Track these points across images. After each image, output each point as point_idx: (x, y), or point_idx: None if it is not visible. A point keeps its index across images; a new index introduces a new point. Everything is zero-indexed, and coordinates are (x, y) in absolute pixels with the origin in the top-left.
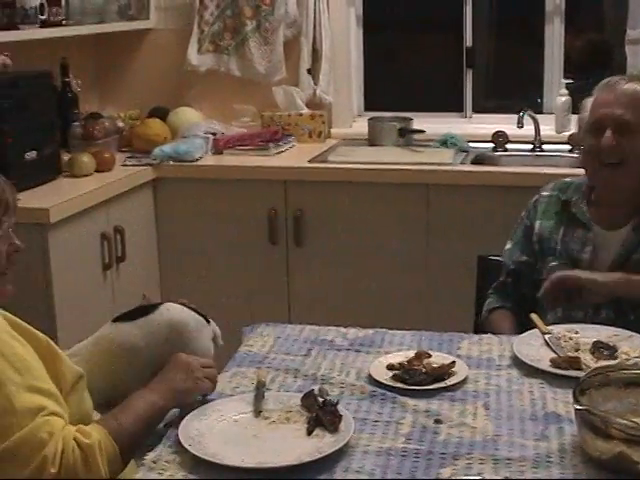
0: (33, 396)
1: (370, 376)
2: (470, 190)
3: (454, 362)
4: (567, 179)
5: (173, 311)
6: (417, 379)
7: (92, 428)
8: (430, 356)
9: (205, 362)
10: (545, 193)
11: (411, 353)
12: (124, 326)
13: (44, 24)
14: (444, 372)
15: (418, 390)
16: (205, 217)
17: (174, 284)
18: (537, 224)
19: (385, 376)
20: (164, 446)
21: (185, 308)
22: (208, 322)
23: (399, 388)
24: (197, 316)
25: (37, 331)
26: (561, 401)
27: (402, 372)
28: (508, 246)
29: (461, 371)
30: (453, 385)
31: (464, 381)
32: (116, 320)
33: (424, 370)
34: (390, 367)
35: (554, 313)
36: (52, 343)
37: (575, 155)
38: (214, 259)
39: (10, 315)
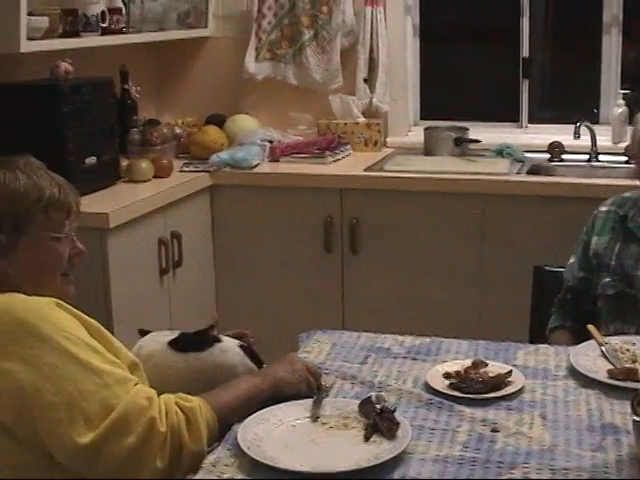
0: (116, 369)
1: (427, 384)
2: (526, 200)
3: (510, 371)
4: (626, 194)
5: (226, 355)
6: (474, 388)
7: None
8: (487, 365)
9: (312, 366)
10: (603, 208)
11: (468, 362)
12: (173, 356)
13: (105, 32)
14: (501, 381)
15: (475, 399)
16: (261, 224)
17: (229, 290)
18: (594, 240)
19: (442, 384)
20: (223, 449)
21: (240, 352)
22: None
23: (456, 396)
24: (249, 363)
25: (90, 319)
26: (618, 412)
27: (459, 381)
28: (571, 260)
29: (517, 381)
30: (510, 394)
31: (521, 391)
32: (172, 344)
33: (480, 379)
34: (447, 375)
35: (606, 329)
36: (102, 328)
37: (631, 166)
38: (269, 266)
39: (65, 304)
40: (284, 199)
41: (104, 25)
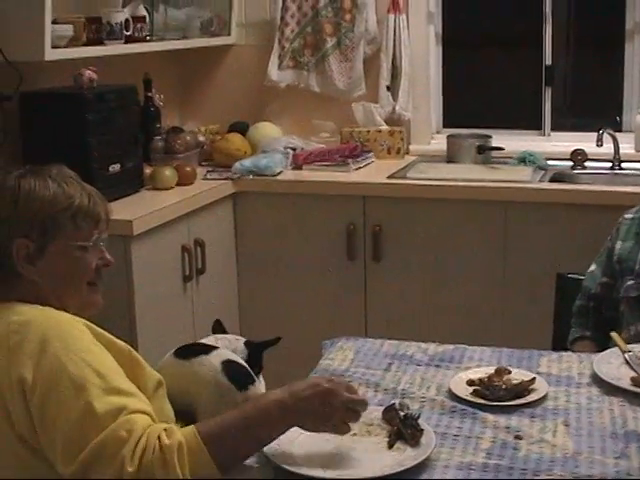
0: (114, 398)
1: (450, 391)
2: (548, 208)
3: (534, 379)
4: None
5: (201, 369)
6: (497, 395)
7: (181, 428)
8: (510, 372)
9: (352, 390)
10: (628, 216)
11: (491, 369)
12: (170, 361)
13: (129, 40)
14: (524, 389)
15: (498, 406)
16: (284, 232)
17: (252, 297)
18: (618, 245)
19: (465, 392)
20: None
21: (219, 368)
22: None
23: (479, 404)
24: (224, 382)
25: (118, 340)
26: None
27: (482, 388)
28: (591, 268)
29: (541, 388)
30: (533, 402)
31: (544, 398)
32: (177, 350)
33: (504, 386)
34: (470, 383)
35: (627, 331)
36: (133, 351)
37: None
38: (292, 273)
39: (90, 324)
40: (307, 207)
41: (128, 33)
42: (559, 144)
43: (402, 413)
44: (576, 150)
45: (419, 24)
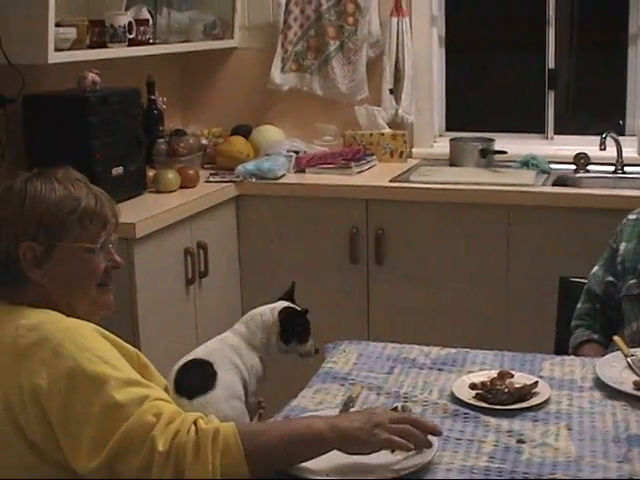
0: (134, 389)
1: (453, 394)
2: (551, 211)
3: (537, 382)
4: None
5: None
6: (500, 399)
7: (221, 423)
8: (512, 376)
9: (410, 418)
10: (632, 217)
11: (493, 373)
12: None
13: (132, 43)
14: (526, 392)
15: (500, 410)
16: (286, 234)
17: (255, 300)
18: (622, 246)
19: (468, 395)
20: None
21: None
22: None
23: (481, 407)
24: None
25: (126, 344)
26: None
27: (485, 391)
28: (594, 270)
29: (543, 392)
30: (536, 405)
31: (547, 402)
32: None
33: (507, 390)
34: (472, 386)
35: (629, 327)
36: (142, 355)
37: None
38: (295, 276)
39: (99, 327)
40: (310, 210)
41: (131, 36)
42: (562, 148)
43: None
44: (579, 154)
45: (422, 27)
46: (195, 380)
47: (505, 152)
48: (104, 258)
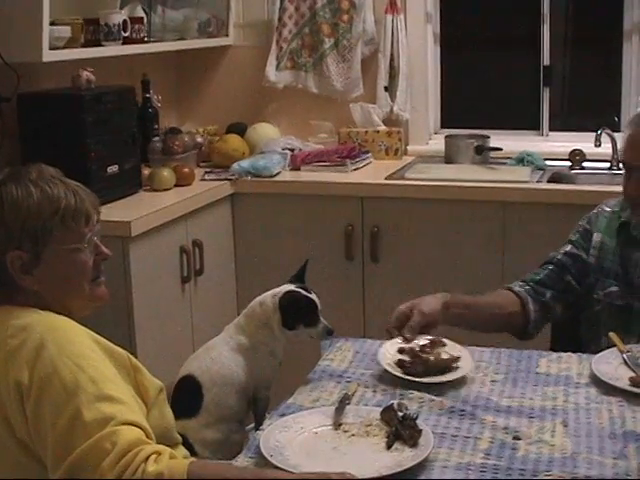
0: (104, 406)
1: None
2: (546, 208)
3: (459, 358)
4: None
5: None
6: (414, 370)
7: (176, 460)
8: (444, 345)
9: None
10: (607, 208)
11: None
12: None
13: (126, 41)
14: (447, 366)
15: (496, 409)
16: (282, 232)
17: (251, 298)
18: (597, 236)
19: (391, 358)
20: (245, 457)
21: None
22: None
23: (394, 376)
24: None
25: (117, 346)
26: None
27: (408, 360)
28: (567, 249)
29: (464, 367)
30: (449, 382)
31: (462, 380)
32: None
33: (429, 360)
34: (401, 350)
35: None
36: (132, 357)
37: None
38: (291, 273)
39: (89, 330)
40: (305, 207)
41: (125, 34)
42: (557, 144)
43: (400, 414)
44: (574, 150)
45: (417, 24)
46: (181, 403)
47: (500, 149)
48: (91, 253)
